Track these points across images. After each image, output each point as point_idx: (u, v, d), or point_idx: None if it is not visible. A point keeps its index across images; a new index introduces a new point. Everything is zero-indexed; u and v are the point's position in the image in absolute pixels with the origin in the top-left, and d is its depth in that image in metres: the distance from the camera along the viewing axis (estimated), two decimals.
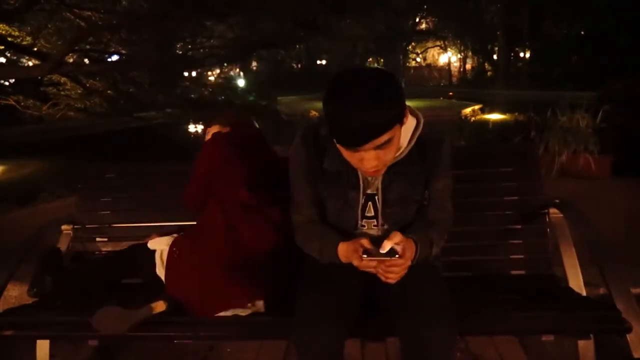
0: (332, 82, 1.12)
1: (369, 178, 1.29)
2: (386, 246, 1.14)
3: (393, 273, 1.15)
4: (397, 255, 1.13)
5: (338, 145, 1.17)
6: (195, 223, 1.72)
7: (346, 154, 1.17)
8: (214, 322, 1.47)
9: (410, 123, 1.25)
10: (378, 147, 1.11)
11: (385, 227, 1.32)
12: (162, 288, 1.55)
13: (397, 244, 1.15)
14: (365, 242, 1.18)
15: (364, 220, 1.33)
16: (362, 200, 1.31)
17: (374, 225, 1.33)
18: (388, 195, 1.29)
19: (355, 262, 1.17)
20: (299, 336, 1.18)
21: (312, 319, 1.18)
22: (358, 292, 1.30)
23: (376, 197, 1.31)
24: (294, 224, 1.42)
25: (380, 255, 1.14)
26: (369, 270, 1.18)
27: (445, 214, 1.36)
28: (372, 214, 1.32)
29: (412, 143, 1.26)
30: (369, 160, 1.14)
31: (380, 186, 1.29)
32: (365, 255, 1.15)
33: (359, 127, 1.06)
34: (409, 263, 1.17)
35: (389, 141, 1.11)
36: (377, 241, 1.18)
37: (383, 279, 1.17)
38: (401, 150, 1.25)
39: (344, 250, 1.25)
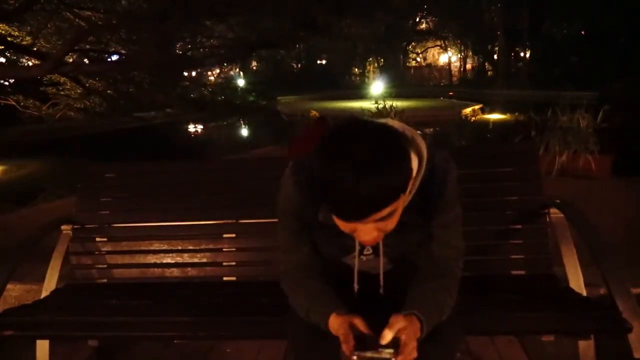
0: (325, 140, 0.93)
1: None
2: (387, 337, 0.97)
3: None
4: (393, 352, 0.95)
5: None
6: None
7: (339, 222, 0.99)
8: (214, 322, 1.48)
9: (414, 169, 1.05)
10: (379, 220, 0.94)
11: (379, 259, 1.20)
12: None
13: (400, 332, 0.98)
14: (358, 322, 1.01)
15: (354, 254, 1.21)
16: (358, 246, 1.18)
17: (370, 257, 1.22)
18: (385, 242, 1.14)
19: (344, 348, 0.99)
20: (294, 337, 1.18)
21: (307, 338, 1.16)
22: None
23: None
24: (281, 266, 1.25)
25: (377, 350, 0.95)
26: None
27: (454, 251, 1.19)
28: (370, 251, 1.21)
29: (414, 191, 1.08)
30: (367, 233, 0.98)
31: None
32: (356, 355, 0.95)
33: (360, 199, 0.88)
34: (414, 354, 0.97)
35: (391, 213, 0.95)
36: (376, 317, 1.01)
37: None
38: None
39: (334, 326, 1.06)
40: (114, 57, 6.46)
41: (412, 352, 0.97)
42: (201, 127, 14.53)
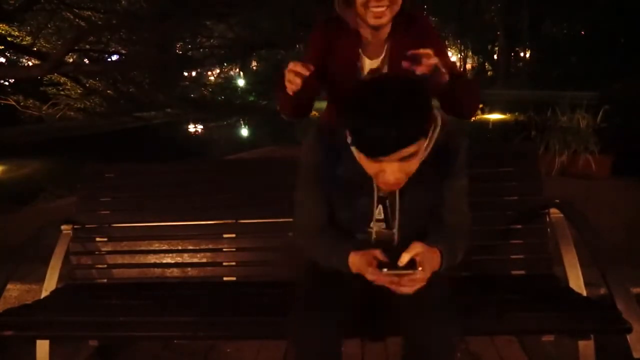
0: (358, 88, 1.07)
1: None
2: (404, 259, 1.07)
3: (410, 287, 1.08)
4: (418, 269, 1.05)
5: (358, 154, 1.11)
6: None
7: (366, 164, 1.11)
8: (214, 322, 1.47)
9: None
10: (402, 159, 1.06)
11: (394, 231, 1.28)
12: None
13: (417, 255, 1.08)
14: (378, 254, 1.12)
15: (374, 223, 1.28)
16: (374, 205, 1.26)
17: (384, 228, 1.29)
18: (402, 200, 1.24)
19: (369, 276, 1.10)
20: (295, 335, 1.17)
21: (308, 318, 1.18)
22: (357, 290, 1.29)
23: (387, 201, 1.25)
24: (297, 226, 1.35)
25: (399, 269, 1.05)
26: (383, 283, 1.10)
27: (462, 217, 1.30)
28: (382, 216, 1.27)
29: (430, 148, 1.17)
30: (392, 172, 1.08)
31: (396, 192, 1.23)
32: (385, 269, 1.06)
33: (387, 137, 1.01)
34: (428, 275, 1.09)
35: (414, 154, 1.07)
36: (394, 252, 1.10)
37: (397, 290, 1.09)
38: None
39: (356, 261, 1.17)
40: (114, 57, 6.47)
41: (427, 274, 1.08)
42: (201, 127, 14.53)
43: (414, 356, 1.14)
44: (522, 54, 24.49)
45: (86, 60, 6.41)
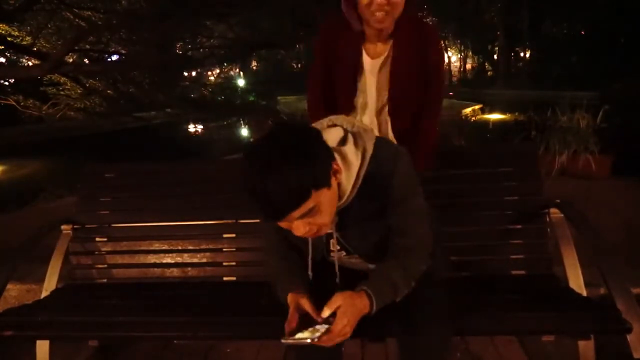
0: (247, 149, 1.00)
1: None
2: (325, 313, 1.05)
3: (330, 342, 1.03)
4: (327, 327, 1.02)
5: None
6: None
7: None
8: (214, 322, 1.47)
9: (353, 163, 1.11)
10: (303, 217, 0.99)
11: (356, 257, 1.29)
12: None
13: (338, 308, 1.05)
14: (304, 302, 1.10)
15: (332, 252, 1.29)
16: (324, 238, 1.25)
17: (344, 255, 1.30)
18: (347, 237, 1.23)
19: (285, 327, 1.08)
20: None
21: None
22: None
23: (336, 236, 1.23)
24: (264, 240, 1.37)
25: (307, 332, 1.01)
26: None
27: (411, 240, 1.19)
28: (339, 247, 1.27)
29: (357, 186, 1.11)
30: (298, 229, 1.01)
31: (335, 233, 1.21)
32: (284, 339, 1.01)
33: (270, 202, 0.94)
34: (347, 328, 1.04)
35: (314, 208, 0.99)
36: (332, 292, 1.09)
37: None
38: (345, 197, 1.11)
39: (289, 303, 1.16)
40: (114, 57, 6.46)
41: (345, 328, 1.03)
42: (201, 127, 14.52)
43: (407, 356, 1.15)
44: (522, 54, 24.49)
45: (86, 60, 6.41)
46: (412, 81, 1.59)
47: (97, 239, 2.00)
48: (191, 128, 14.55)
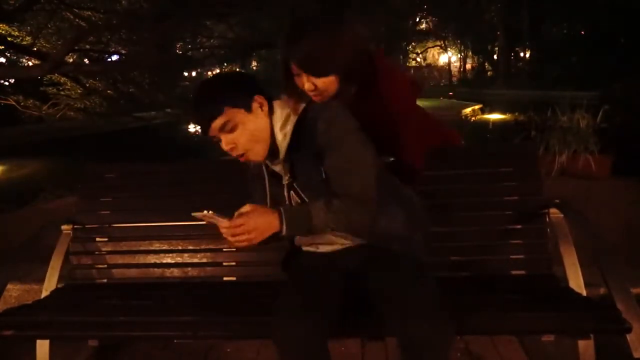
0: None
1: (276, 168, 1.38)
2: (235, 215, 1.24)
3: (228, 237, 1.23)
4: (225, 219, 1.22)
5: None
6: None
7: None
8: (214, 322, 1.47)
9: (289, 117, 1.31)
10: (222, 131, 1.25)
11: None
12: None
13: (245, 212, 1.23)
14: (245, 208, 1.26)
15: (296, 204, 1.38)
16: (285, 192, 1.38)
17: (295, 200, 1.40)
18: (297, 182, 1.35)
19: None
20: (275, 331, 1.18)
21: (287, 315, 1.18)
22: (338, 287, 1.32)
23: (295, 185, 1.36)
24: None
25: (207, 214, 1.25)
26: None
27: (338, 187, 1.26)
28: (298, 200, 1.36)
29: (290, 127, 1.29)
30: (224, 145, 1.27)
31: (284, 176, 1.36)
32: (196, 213, 1.25)
33: (196, 113, 1.27)
34: (244, 232, 1.21)
35: (228, 123, 1.24)
36: None
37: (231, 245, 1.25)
38: (284, 136, 1.30)
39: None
40: (114, 57, 6.47)
41: (242, 229, 1.21)
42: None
43: (405, 356, 1.15)
44: (522, 54, 24.50)
45: (86, 60, 6.42)
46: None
47: (98, 239, 2.00)
48: (191, 128, 14.55)
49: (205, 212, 1.24)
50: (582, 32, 19.84)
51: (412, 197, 1.48)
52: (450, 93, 21.76)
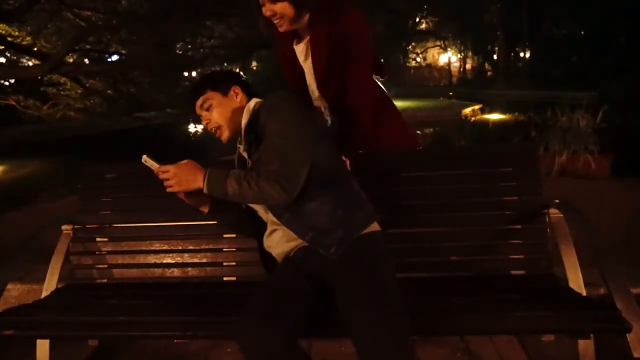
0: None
1: (244, 154, 1.54)
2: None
3: (166, 182, 1.39)
4: (159, 166, 1.40)
5: None
6: None
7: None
8: (214, 322, 1.48)
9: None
10: (202, 108, 1.51)
11: None
12: None
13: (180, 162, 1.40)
14: (184, 161, 1.40)
15: None
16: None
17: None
18: (252, 166, 1.48)
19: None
20: (240, 336, 1.20)
21: (253, 321, 1.20)
22: (310, 293, 1.33)
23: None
24: None
25: (149, 160, 1.44)
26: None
27: (264, 167, 1.34)
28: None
29: (249, 113, 1.48)
30: (203, 120, 1.53)
31: (247, 160, 1.52)
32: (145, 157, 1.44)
33: (188, 94, 1.58)
34: (170, 178, 1.37)
35: (206, 102, 1.50)
36: None
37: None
38: (243, 128, 1.48)
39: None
40: (114, 57, 6.47)
41: (168, 175, 1.38)
42: (201, 127, 14.52)
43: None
44: (522, 54, 24.49)
45: (86, 60, 6.42)
46: (332, 64, 1.75)
47: (98, 239, 2.00)
48: (191, 128, 14.55)
49: (144, 156, 1.44)
50: (582, 32, 19.83)
51: (359, 195, 1.45)
52: (451, 93, 21.77)
